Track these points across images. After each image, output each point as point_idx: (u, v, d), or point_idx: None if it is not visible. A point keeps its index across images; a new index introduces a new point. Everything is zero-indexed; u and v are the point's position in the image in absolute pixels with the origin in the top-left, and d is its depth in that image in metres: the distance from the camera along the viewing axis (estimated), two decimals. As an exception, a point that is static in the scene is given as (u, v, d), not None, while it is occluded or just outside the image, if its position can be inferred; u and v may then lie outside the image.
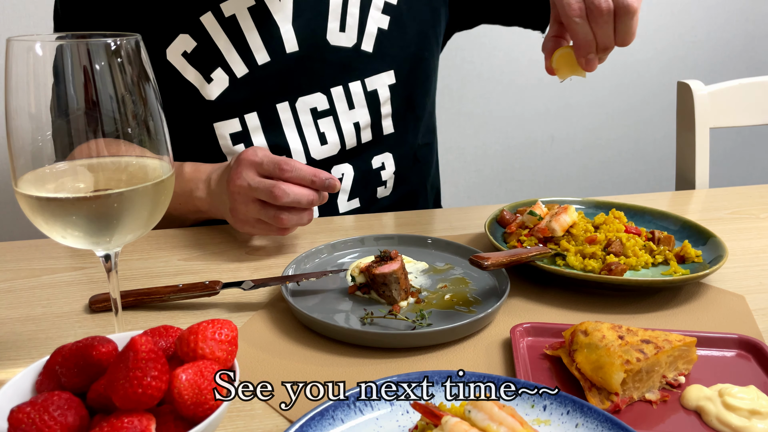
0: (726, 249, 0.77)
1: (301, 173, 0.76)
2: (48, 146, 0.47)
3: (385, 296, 0.68)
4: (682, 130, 1.37)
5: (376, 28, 1.02)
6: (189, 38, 0.92)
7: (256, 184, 0.76)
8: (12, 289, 0.74)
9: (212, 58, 0.94)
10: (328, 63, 0.99)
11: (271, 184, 0.76)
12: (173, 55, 0.93)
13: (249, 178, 0.77)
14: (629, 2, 0.74)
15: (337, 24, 0.99)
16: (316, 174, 0.76)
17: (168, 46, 0.92)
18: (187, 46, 0.93)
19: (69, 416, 0.40)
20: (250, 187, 0.77)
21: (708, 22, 2.42)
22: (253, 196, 0.77)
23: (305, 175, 0.76)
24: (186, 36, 0.92)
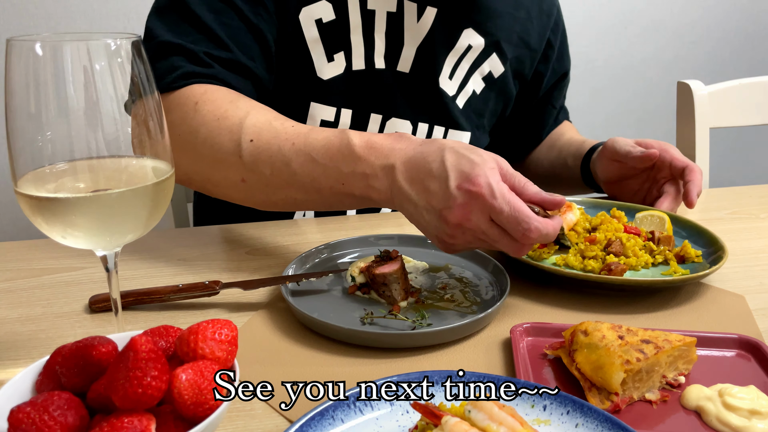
0: (726, 249, 0.77)
1: (546, 238, 0.63)
2: (48, 146, 0.47)
3: (385, 296, 0.68)
4: (682, 130, 1.37)
5: (471, 90, 1.06)
6: (330, 9, 0.92)
7: (487, 234, 0.64)
8: (12, 289, 0.74)
9: (341, 39, 0.94)
10: (428, 98, 1.02)
11: (518, 231, 0.62)
12: (306, 18, 0.92)
13: (480, 224, 0.63)
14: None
15: (449, 69, 1.02)
16: (557, 230, 0.63)
17: (307, 5, 0.91)
18: (324, 15, 0.92)
19: (69, 416, 0.40)
20: (481, 231, 0.64)
21: (708, 22, 2.42)
22: (482, 236, 0.65)
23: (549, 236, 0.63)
24: (328, 5, 0.92)
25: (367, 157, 0.69)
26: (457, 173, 0.63)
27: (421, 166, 0.66)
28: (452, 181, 0.63)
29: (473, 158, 0.64)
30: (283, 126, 0.76)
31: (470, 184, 0.62)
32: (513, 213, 0.61)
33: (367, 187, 0.70)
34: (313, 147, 0.72)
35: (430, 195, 0.65)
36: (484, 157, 0.64)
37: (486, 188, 0.61)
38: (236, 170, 0.77)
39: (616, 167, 1.01)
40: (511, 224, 0.61)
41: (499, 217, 0.62)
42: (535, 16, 1.11)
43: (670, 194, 0.94)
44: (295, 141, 0.74)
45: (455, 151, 0.65)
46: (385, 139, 0.70)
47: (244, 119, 0.77)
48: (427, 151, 0.66)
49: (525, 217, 0.61)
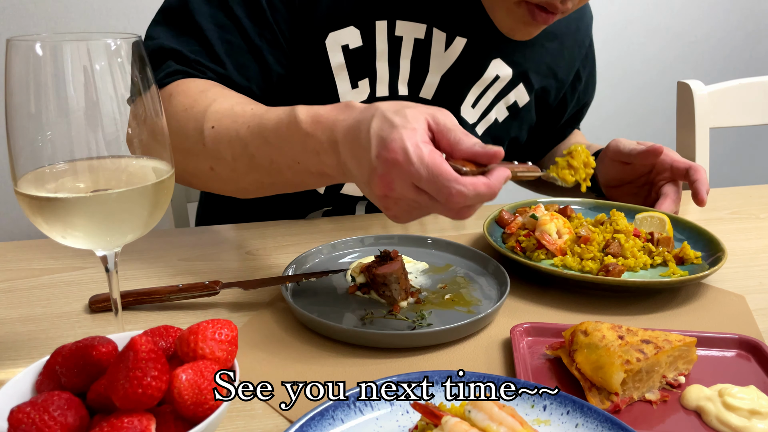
0: (726, 251, 0.77)
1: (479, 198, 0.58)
2: (48, 146, 0.47)
3: (385, 296, 0.68)
4: (682, 130, 1.37)
5: (494, 118, 1.05)
6: (358, 35, 0.91)
7: (417, 201, 0.59)
8: (12, 289, 0.74)
9: (366, 65, 0.93)
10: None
11: (441, 195, 0.57)
12: (333, 43, 0.90)
13: (405, 192, 0.59)
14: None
15: (473, 98, 1.01)
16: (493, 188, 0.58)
17: (334, 30, 0.90)
18: (351, 41, 0.91)
19: (69, 416, 0.40)
20: (409, 200, 0.60)
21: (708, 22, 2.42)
22: (414, 205, 0.61)
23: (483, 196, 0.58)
24: (356, 31, 0.90)
25: (314, 132, 0.66)
26: (377, 140, 0.58)
27: (354, 139, 0.62)
28: (373, 149, 0.59)
29: (395, 121, 0.58)
30: (242, 110, 0.75)
31: (386, 150, 0.57)
32: (432, 178, 0.56)
33: (320, 163, 0.67)
34: (266, 128, 0.71)
35: (361, 166, 0.61)
36: (408, 118, 0.59)
37: (401, 154, 0.56)
38: (203, 159, 0.76)
39: (617, 169, 1.01)
40: (433, 189, 0.57)
41: (419, 183, 0.57)
42: (567, 46, 1.09)
43: (670, 195, 0.95)
44: (251, 124, 0.72)
45: (381, 116, 0.60)
46: (330, 110, 0.66)
47: (209, 107, 0.76)
48: (362, 119, 0.61)
49: (445, 181, 0.56)
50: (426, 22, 0.92)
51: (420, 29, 0.93)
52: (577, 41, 1.11)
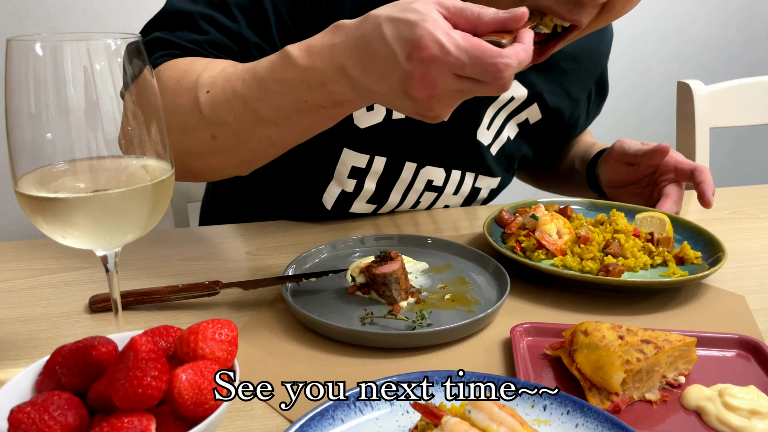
0: (726, 251, 0.77)
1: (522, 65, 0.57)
2: (48, 146, 0.47)
3: (385, 296, 0.68)
4: (682, 130, 1.37)
5: (506, 137, 1.05)
6: None
7: (461, 91, 0.58)
8: (12, 289, 0.74)
9: None
10: (464, 148, 1.00)
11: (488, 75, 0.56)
12: None
13: (449, 85, 0.57)
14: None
15: (488, 120, 1.01)
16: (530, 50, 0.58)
17: None
18: None
19: (69, 416, 0.40)
20: (454, 92, 0.58)
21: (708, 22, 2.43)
22: (459, 96, 0.60)
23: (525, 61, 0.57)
24: None
25: (313, 63, 0.63)
26: (401, 44, 0.57)
27: (366, 54, 0.59)
28: (400, 55, 0.57)
29: (410, 18, 0.57)
30: (234, 69, 0.72)
31: (418, 50, 0.56)
32: (475, 61, 0.55)
33: (331, 94, 0.65)
34: (262, 76, 0.68)
35: (388, 79, 0.59)
36: (421, 11, 0.57)
37: (436, 47, 0.55)
38: (203, 129, 0.72)
39: (621, 169, 1.01)
40: (478, 72, 0.55)
41: (463, 71, 0.56)
42: (584, 66, 1.09)
43: (671, 196, 0.94)
44: (245, 77, 0.69)
45: (390, 20, 0.58)
46: (321, 38, 0.64)
47: (201, 74, 0.73)
48: (366, 34, 0.59)
49: (490, 59, 0.54)
50: None
51: None
52: (594, 61, 1.11)
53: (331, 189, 0.96)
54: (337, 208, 0.99)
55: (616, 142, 1.01)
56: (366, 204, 0.99)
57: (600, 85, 1.18)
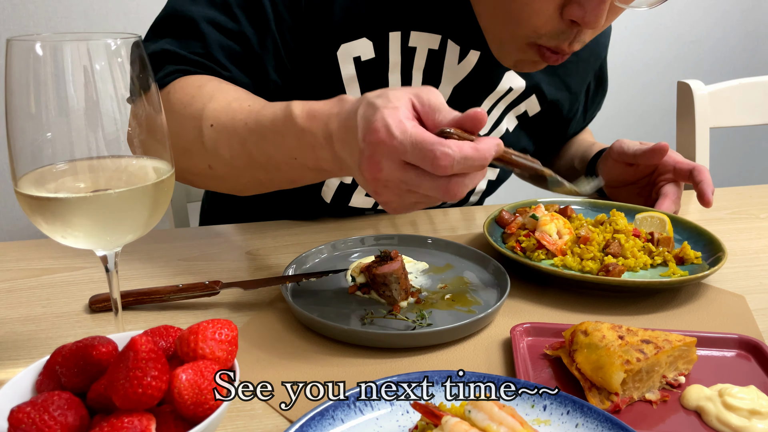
0: (726, 251, 0.77)
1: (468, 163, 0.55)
2: (48, 146, 0.47)
3: (385, 296, 0.68)
4: (682, 130, 1.37)
5: (505, 129, 1.05)
6: (370, 47, 0.89)
7: (406, 181, 0.58)
8: (12, 289, 0.74)
9: (378, 77, 0.91)
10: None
11: (426, 162, 0.55)
12: (344, 55, 0.88)
13: (392, 172, 0.57)
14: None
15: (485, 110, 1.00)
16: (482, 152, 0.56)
17: (346, 42, 0.88)
18: (363, 53, 0.89)
19: (69, 416, 0.40)
20: (398, 180, 0.58)
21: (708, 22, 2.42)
22: (404, 187, 0.59)
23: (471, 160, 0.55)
24: (369, 44, 0.88)
25: (310, 126, 0.66)
26: (363, 124, 0.58)
27: (347, 127, 0.61)
28: (360, 133, 0.58)
29: (377, 103, 0.58)
30: (240, 106, 0.74)
31: (370, 132, 0.57)
32: (416, 145, 0.54)
33: (316, 158, 0.67)
34: (263, 125, 0.70)
35: (352, 154, 0.61)
36: (390, 98, 0.58)
37: (383, 131, 0.56)
38: (201, 157, 0.76)
39: (621, 169, 1.01)
40: (418, 158, 0.55)
41: (405, 156, 0.56)
42: (583, 58, 1.09)
43: (669, 195, 0.95)
44: (248, 120, 0.72)
45: (366, 102, 0.59)
46: (324, 105, 0.66)
47: (207, 104, 0.75)
48: (351, 110, 0.62)
49: (429, 145, 0.54)
50: (441, 34, 0.91)
51: (435, 40, 0.92)
52: (593, 54, 1.11)
53: (330, 181, 0.97)
54: (336, 202, 0.99)
55: (615, 143, 1.01)
56: (365, 198, 0.99)
57: (599, 78, 1.18)
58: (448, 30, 0.92)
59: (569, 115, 1.14)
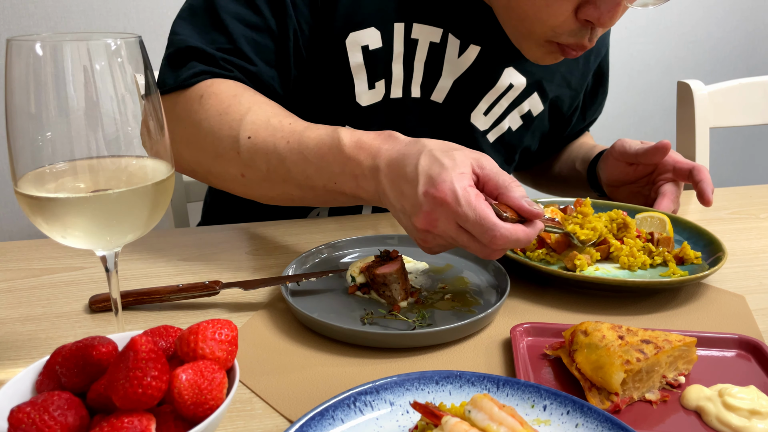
0: (726, 251, 0.77)
1: (516, 244, 0.62)
2: (48, 146, 0.47)
3: (385, 296, 0.68)
4: (682, 130, 1.37)
5: (507, 127, 1.05)
6: (378, 36, 0.91)
7: (456, 239, 0.63)
8: (12, 289, 0.74)
9: (384, 67, 0.93)
10: (457, 131, 1.01)
11: (485, 237, 0.60)
12: (353, 43, 0.90)
13: (447, 231, 0.63)
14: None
15: (485, 106, 1.01)
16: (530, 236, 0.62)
17: (355, 30, 0.90)
18: (371, 42, 0.91)
19: (69, 416, 0.40)
20: (449, 237, 0.64)
21: (708, 22, 2.42)
22: (452, 242, 0.65)
23: (520, 242, 0.62)
24: (377, 33, 0.90)
25: (356, 156, 0.69)
26: (425, 178, 0.62)
27: (399, 169, 0.65)
28: (420, 186, 0.62)
29: (445, 162, 0.62)
30: (280, 123, 0.77)
31: (435, 190, 0.61)
32: (478, 220, 0.60)
33: (357, 187, 0.71)
34: (307, 146, 0.73)
35: (404, 198, 0.65)
36: (457, 161, 0.62)
37: (450, 195, 0.60)
38: (235, 165, 0.78)
39: (621, 169, 1.01)
40: (476, 231, 0.60)
41: (465, 224, 0.61)
42: (583, 56, 1.09)
43: (668, 195, 0.95)
44: (290, 139, 0.74)
45: (430, 154, 0.63)
46: (374, 138, 0.70)
47: (245, 115, 0.78)
48: (407, 153, 0.65)
49: (491, 225, 0.59)
50: (442, 27, 0.92)
51: (436, 33, 0.93)
52: (593, 51, 1.11)
53: None
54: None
55: (616, 142, 1.01)
56: None
57: (599, 76, 1.18)
58: (450, 24, 0.93)
59: (569, 112, 1.14)
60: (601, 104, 1.24)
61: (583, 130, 1.26)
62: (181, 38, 0.84)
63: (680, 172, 0.95)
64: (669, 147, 0.95)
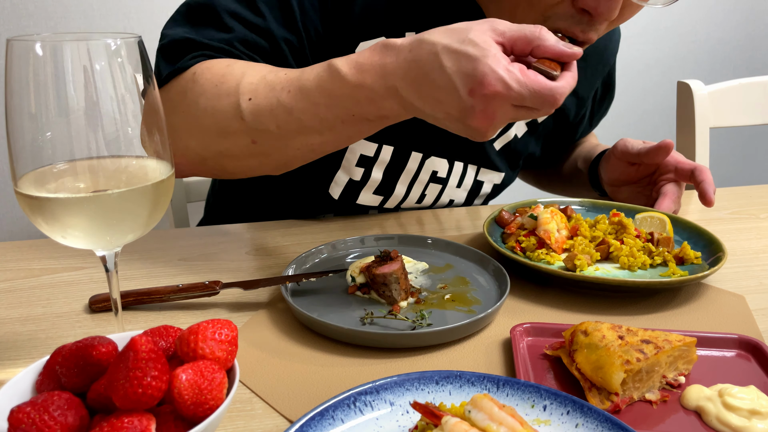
0: (726, 251, 0.77)
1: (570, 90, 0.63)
2: (48, 146, 0.47)
3: (385, 296, 0.68)
4: (682, 130, 1.37)
5: (513, 135, 1.05)
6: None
7: (516, 116, 0.63)
8: (12, 289, 0.74)
9: None
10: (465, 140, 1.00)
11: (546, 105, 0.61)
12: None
13: (505, 115, 0.62)
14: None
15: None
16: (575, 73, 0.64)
17: (365, 40, 0.88)
18: None
19: (69, 416, 0.40)
20: (511, 118, 0.64)
21: (708, 22, 2.42)
22: (508, 120, 0.64)
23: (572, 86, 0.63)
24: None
25: (363, 80, 0.67)
26: (462, 78, 0.60)
27: (422, 80, 0.63)
28: (461, 89, 0.61)
29: (470, 52, 0.60)
30: (276, 77, 0.73)
31: (481, 87, 0.60)
32: (535, 94, 0.60)
33: (379, 109, 0.68)
34: (309, 89, 0.70)
35: (446, 105, 0.63)
36: (480, 45, 0.60)
37: (499, 84, 0.59)
38: (243, 133, 0.74)
39: (623, 169, 1.01)
40: (537, 103, 0.61)
41: (523, 103, 0.61)
42: (592, 64, 1.09)
43: (669, 195, 0.95)
44: (290, 88, 0.71)
45: (450, 50, 0.61)
46: (371, 56, 0.67)
47: (240, 80, 0.74)
48: (421, 61, 0.63)
49: (549, 91, 0.60)
50: None
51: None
52: (602, 60, 1.11)
53: (339, 177, 0.97)
54: (344, 199, 0.99)
55: (618, 141, 1.01)
56: (373, 195, 1.00)
57: (607, 84, 1.18)
58: None
59: (575, 120, 1.14)
60: (607, 110, 1.24)
61: (588, 132, 1.26)
62: (174, 32, 0.82)
63: (682, 172, 0.95)
64: (672, 146, 0.95)
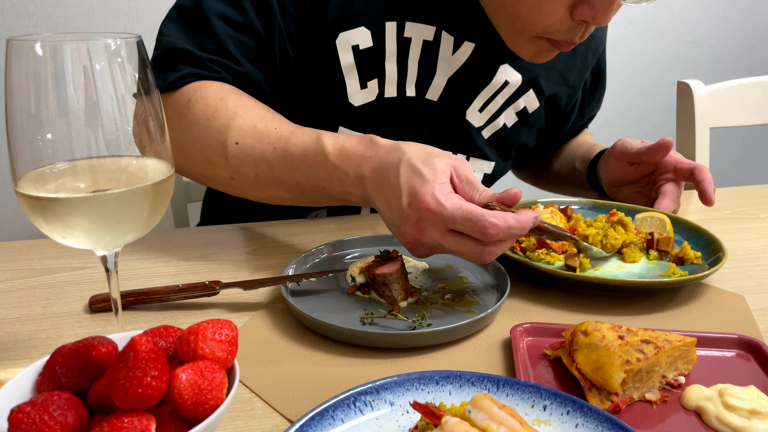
0: (725, 250, 0.77)
1: (510, 232, 0.62)
2: (48, 146, 0.47)
3: (385, 296, 0.68)
4: (682, 130, 1.37)
5: (502, 123, 1.05)
6: (368, 36, 0.90)
7: (445, 243, 0.64)
8: (12, 289, 0.74)
9: (376, 66, 0.93)
10: (452, 128, 1.02)
11: (476, 231, 0.61)
12: (343, 43, 0.90)
13: (435, 237, 0.64)
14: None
15: (481, 103, 1.01)
16: (523, 222, 0.63)
17: (345, 30, 0.89)
18: (362, 42, 0.91)
19: (69, 416, 0.40)
20: (437, 243, 0.65)
21: (708, 22, 2.43)
22: (440, 248, 0.66)
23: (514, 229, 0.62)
24: (367, 32, 0.90)
25: (341, 165, 0.72)
26: (408, 191, 0.64)
27: (383, 179, 0.68)
28: (404, 198, 0.65)
29: (424, 173, 0.64)
30: (266, 128, 0.78)
31: (418, 202, 0.63)
32: (466, 216, 0.61)
33: (345, 192, 0.74)
34: (293, 153, 0.76)
35: (390, 209, 0.68)
36: (436, 171, 0.64)
37: (434, 204, 0.62)
38: (225, 170, 0.80)
39: (621, 168, 1.01)
40: (467, 227, 0.61)
41: (454, 225, 0.62)
42: (580, 53, 1.09)
43: (669, 194, 0.95)
44: (276, 146, 0.77)
45: (409, 165, 0.66)
46: (357, 145, 0.72)
47: (231, 120, 0.79)
48: (389, 162, 0.68)
49: (479, 216, 0.61)
50: (435, 25, 0.92)
51: (429, 31, 0.93)
52: (591, 48, 1.11)
53: None
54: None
55: (617, 141, 1.01)
56: None
57: (597, 73, 1.18)
58: (443, 21, 0.93)
59: (567, 110, 1.14)
60: (599, 101, 1.24)
61: (582, 127, 1.26)
62: (169, 40, 0.85)
63: (681, 172, 0.95)
64: (671, 144, 0.95)
